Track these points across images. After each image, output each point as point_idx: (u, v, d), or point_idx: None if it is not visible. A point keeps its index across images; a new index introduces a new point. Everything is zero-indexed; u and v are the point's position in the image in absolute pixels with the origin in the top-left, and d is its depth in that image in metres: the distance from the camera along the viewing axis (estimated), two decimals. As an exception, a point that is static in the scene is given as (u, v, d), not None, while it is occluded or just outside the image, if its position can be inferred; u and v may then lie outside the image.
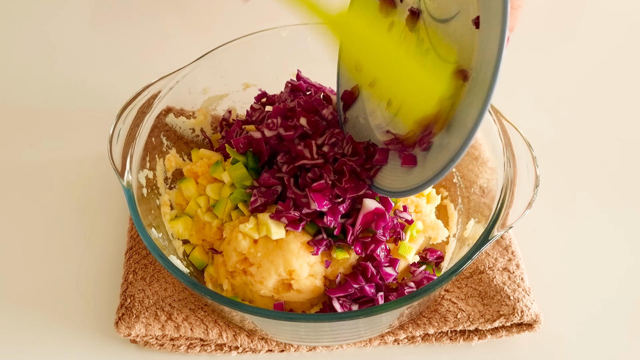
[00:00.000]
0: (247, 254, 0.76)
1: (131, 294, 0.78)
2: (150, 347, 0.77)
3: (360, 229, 0.75)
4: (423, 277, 0.78)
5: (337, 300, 0.75)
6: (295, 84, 0.86)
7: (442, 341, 0.78)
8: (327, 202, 0.73)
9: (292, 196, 0.75)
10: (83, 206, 0.92)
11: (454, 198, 0.88)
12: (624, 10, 1.23)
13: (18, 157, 0.98)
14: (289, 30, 0.90)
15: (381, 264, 0.76)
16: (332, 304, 0.75)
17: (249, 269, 0.76)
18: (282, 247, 0.75)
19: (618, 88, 1.09)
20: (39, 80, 1.08)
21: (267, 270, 0.75)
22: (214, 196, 0.82)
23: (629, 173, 0.96)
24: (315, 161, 0.76)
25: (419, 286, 0.77)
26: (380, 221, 0.74)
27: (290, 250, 0.74)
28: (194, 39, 1.15)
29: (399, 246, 0.78)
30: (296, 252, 0.74)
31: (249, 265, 0.76)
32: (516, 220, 0.71)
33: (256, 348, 0.77)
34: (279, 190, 0.77)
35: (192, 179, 0.86)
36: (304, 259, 0.75)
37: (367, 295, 0.75)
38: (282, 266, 0.74)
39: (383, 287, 0.76)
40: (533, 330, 0.77)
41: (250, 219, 0.76)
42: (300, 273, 0.74)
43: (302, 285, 0.75)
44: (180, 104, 0.90)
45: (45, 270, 0.86)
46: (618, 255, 0.87)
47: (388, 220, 0.75)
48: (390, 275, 0.76)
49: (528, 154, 0.75)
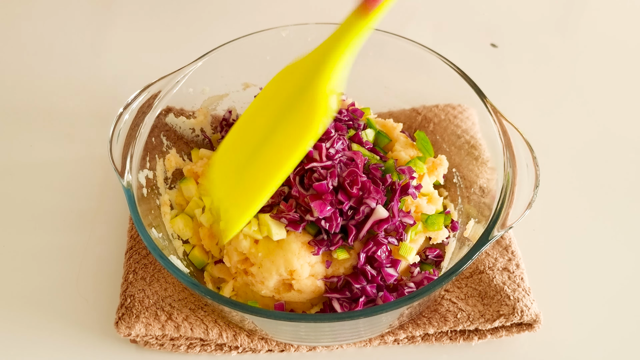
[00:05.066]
0: (247, 254, 0.76)
1: (131, 293, 0.78)
2: (150, 347, 0.77)
3: (365, 234, 0.75)
4: (423, 277, 0.78)
5: (337, 301, 0.75)
6: None
7: (442, 341, 0.78)
8: (330, 208, 0.73)
9: (296, 194, 0.75)
10: (83, 206, 0.92)
11: (454, 198, 0.88)
12: (624, 10, 1.23)
13: (18, 157, 0.98)
14: (289, 30, 0.90)
15: (383, 264, 0.76)
16: (332, 304, 0.75)
17: (250, 269, 0.76)
18: (283, 247, 0.75)
19: (618, 88, 1.09)
20: (39, 80, 1.08)
21: (268, 270, 0.75)
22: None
23: (629, 173, 0.96)
24: (324, 163, 0.76)
25: (419, 286, 0.77)
26: (383, 223, 0.75)
27: (291, 250, 0.74)
28: (194, 39, 1.15)
29: (399, 247, 0.78)
30: (297, 252, 0.74)
31: (250, 265, 0.76)
32: (516, 221, 0.71)
33: (256, 348, 0.77)
34: (285, 191, 0.77)
35: (192, 178, 0.86)
36: (305, 259, 0.75)
37: (368, 296, 0.75)
38: (283, 266, 0.74)
39: (384, 288, 0.76)
40: (533, 330, 0.77)
41: (252, 221, 0.75)
42: (301, 273, 0.74)
43: (303, 285, 0.75)
44: (180, 103, 0.90)
45: (45, 270, 0.86)
46: (618, 255, 0.87)
47: (390, 222, 0.75)
48: (392, 276, 0.76)
49: (528, 154, 0.75)
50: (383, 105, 0.97)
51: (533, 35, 1.18)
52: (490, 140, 0.81)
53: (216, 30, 1.16)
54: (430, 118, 0.94)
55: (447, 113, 0.94)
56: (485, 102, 0.80)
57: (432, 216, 0.81)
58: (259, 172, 0.69)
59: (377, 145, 0.87)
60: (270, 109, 0.68)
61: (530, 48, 1.15)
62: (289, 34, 0.90)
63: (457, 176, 0.89)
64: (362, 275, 0.75)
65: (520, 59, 1.14)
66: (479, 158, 0.87)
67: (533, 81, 1.10)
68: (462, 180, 0.88)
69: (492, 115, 0.79)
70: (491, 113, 0.79)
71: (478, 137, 0.89)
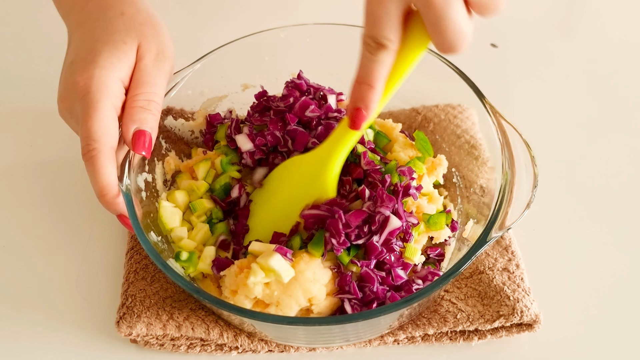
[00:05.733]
0: (263, 298, 0.73)
1: (132, 293, 0.78)
2: (150, 347, 0.77)
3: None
4: (427, 273, 0.78)
5: (349, 302, 0.74)
6: (297, 82, 0.86)
7: (442, 341, 0.78)
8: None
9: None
10: (83, 206, 0.92)
11: (453, 198, 0.88)
12: (624, 11, 1.22)
13: (18, 157, 0.98)
14: (288, 30, 0.90)
15: (393, 265, 0.75)
16: (343, 307, 0.74)
17: (267, 310, 0.73)
18: (298, 277, 0.72)
19: (618, 87, 1.09)
20: (39, 80, 1.08)
21: (287, 305, 0.72)
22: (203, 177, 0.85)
23: (629, 172, 0.96)
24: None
25: (424, 282, 0.77)
26: (396, 230, 0.74)
27: (307, 280, 0.72)
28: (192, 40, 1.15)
29: (405, 249, 0.78)
30: (312, 278, 0.72)
31: (266, 307, 0.73)
32: (515, 221, 0.70)
33: (256, 349, 0.77)
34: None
35: (188, 173, 0.86)
36: (320, 281, 0.73)
37: (378, 298, 0.74)
38: (302, 296, 0.72)
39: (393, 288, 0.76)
40: (533, 330, 0.77)
41: (254, 267, 0.72)
42: (320, 297, 0.73)
43: (323, 307, 0.74)
44: (179, 105, 0.90)
45: (45, 270, 0.86)
46: (618, 255, 0.87)
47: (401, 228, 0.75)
48: (402, 278, 0.76)
49: (527, 153, 0.75)
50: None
51: (533, 35, 1.17)
52: (489, 140, 0.81)
53: (215, 31, 1.16)
54: (430, 118, 0.94)
55: (447, 113, 0.94)
56: (483, 102, 0.80)
57: (433, 216, 0.81)
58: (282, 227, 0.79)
59: (377, 145, 0.87)
60: (286, 186, 0.81)
61: (530, 48, 1.15)
62: (288, 35, 0.90)
63: (457, 176, 0.88)
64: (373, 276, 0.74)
65: (520, 59, 1.13)
66: (479, 158, 0.87)
67: (533, 81, 1.10)
68: (462, 180, 0.88)
69: (490, 115, 0.79)
70: (490, 113, 0.79)
71: (478, 137, 0.89)
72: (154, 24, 0.80)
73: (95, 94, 0.72)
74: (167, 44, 0.79)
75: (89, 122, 0.71)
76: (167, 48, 0.79)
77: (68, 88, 0.74)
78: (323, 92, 0.86)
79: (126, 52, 0.75)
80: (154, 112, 0.75)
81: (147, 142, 0.74)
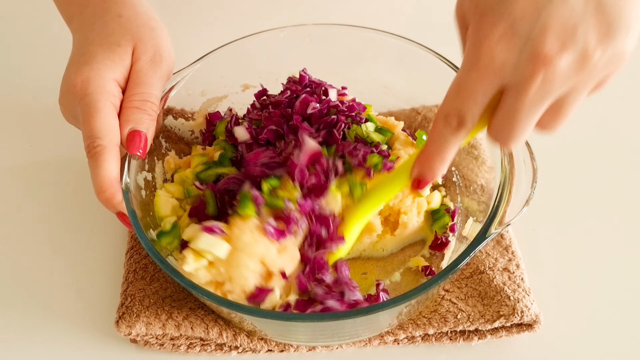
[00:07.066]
0: (213, 278, 0.71)
1: (132, 293, 0.78)
2: (150, 346, 0.77)
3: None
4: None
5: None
6: (301, 74, 0.87)
7: (442, 341, 0.78)
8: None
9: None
10: (83, 206, 0.92)
11: (453, 197, 0.88)
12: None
13: (18, 157, 0.99)
14: (288, 31, 0.90)
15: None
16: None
17: (224, 288, 0.71)
18: (237, 245, 0.70)
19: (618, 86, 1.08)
20: (39, 80, 1.09)
21: (240, 276, 0.70)
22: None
23: (630, 172, 0.96)
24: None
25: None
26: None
27: (247, 244, 0.70)
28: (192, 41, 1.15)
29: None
30: (252, 239, 0.70)
31: (222, 285, 0.71)
32: (514, 218, 0.70)
33: (256, 348, 0.77)
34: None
35: (185, 167, 0.86)
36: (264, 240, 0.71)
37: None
38: (251, 262, 0.70)
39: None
40: (533, 331, 0.77)
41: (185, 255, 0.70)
42: (271, 255, 0.71)
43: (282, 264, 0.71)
44: (179, 105, 0.91)
45: (45, 270, 0.86)
46: (619, 255, 0.87)
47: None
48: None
49: (525, 150, 0.75)
50: (383, 105, 0.97)
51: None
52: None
53: (215, 32, 1.16)
54: (430, 118, 0.95)
55: (447, 113, 0.94)
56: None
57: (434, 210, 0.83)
58: None
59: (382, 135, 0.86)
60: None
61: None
62: (288, 35, 0.90)
63: (457, 175, 0.89)
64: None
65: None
66: (478, 157, 0.87)
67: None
68: (462, 179, 0.88)
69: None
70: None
71: (478, 137, 0.89)
72: (152, 26, 0.80)
73: (94, 95, 0.72)
74: (165, 46, 0.80)
75: (91, 121, 0.72)
76: (164, 49, 0.79)
77: (66, 91, 0.75)
78: (324, 87, 0.86)
79: (120, 54, 0.76)
80: (149, 113, 0.75)
81: (142, 142, 0.74)
